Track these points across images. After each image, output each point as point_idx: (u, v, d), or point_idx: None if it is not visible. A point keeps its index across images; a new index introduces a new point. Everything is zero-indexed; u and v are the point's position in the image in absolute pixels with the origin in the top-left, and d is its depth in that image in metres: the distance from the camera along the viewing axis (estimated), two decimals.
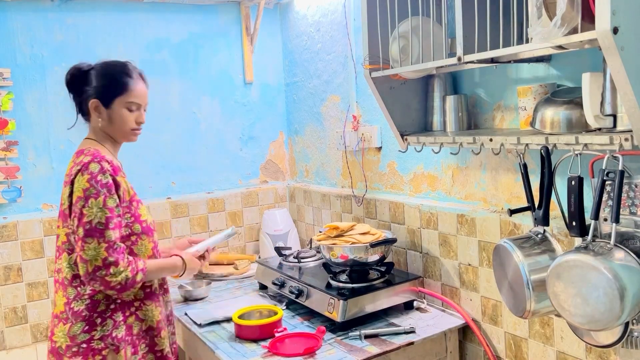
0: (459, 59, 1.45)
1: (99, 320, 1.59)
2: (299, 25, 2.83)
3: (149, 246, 1.70)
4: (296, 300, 2.03)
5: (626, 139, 1.21)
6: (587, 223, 1.30)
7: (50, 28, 2.46)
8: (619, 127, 1.26)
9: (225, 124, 2.89)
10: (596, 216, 1.27)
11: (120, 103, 1.65)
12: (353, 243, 1.97)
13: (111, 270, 1.52)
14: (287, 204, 3.08)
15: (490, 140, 1.53)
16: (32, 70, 2.43)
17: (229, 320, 1.98)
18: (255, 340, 1.81)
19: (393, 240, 2.03)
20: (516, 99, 1.63)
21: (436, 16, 1.59)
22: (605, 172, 1.27)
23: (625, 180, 1.29)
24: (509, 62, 1.55)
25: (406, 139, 1.85)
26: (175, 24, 2.72)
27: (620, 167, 1.23)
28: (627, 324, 1.27)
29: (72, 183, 1.56)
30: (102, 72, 1.67)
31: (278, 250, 2.47)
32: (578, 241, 1.34)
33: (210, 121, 2.84)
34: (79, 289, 1.60)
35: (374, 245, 1.95)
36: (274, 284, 2.18)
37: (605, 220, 1.32)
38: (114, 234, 1.55)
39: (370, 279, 2.01)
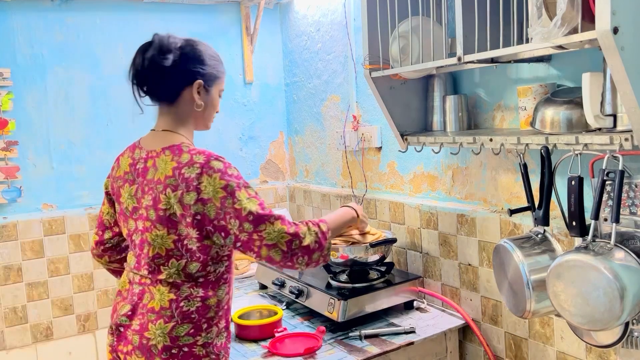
0: (459, 59, 1.45)
1: (205, 326, 1.44)
2: (299, 25, 2.83)
3: None
4: (296, 300, 2.03)
5: (626, 139, 1.21)
6: (587, 223, 1.30)
7: (50, 28, 2.46)
8: (619, 127, 1.25)
9: (225, 124, 2.89)
10: (596, 216, 1.26)
11: (217, 88, 1.55)
12: (353, 243, 1.97)
13: (300, 234, 1.40)
14: (287, 204, 3.08)
15: (490, 140, 1.53)
16: (32, 70, 2.43)
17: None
18: (255, 340, 1.81)
19: (393, 240, 2.03)
20: (516, 99, 1.63)
21: (436, 16, 1.59)
22: (606, 172, 1.27)
23: (625, 180, 1.29)
24: (509, 62, 1.55)
25: (406, 139, 1.85)
26: (175, 23, 2.72)
27: (620, 167, 1.23)
28: (627, 324, 1.27)
29: (197, 189, 1.37)
30: (210, 52, 1.52)
31: None
32: (578, 241, 1.34)
33: None
34: (192, 289, 1.43)
35: (374, 245, 1.95)
36: (274, 284, 2.18)
37: (606, 220, 1.32)
38: (274, 212, 1.42)
39: (370, 279, 2.01)
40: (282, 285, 2.14)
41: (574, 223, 1.32)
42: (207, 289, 1.45)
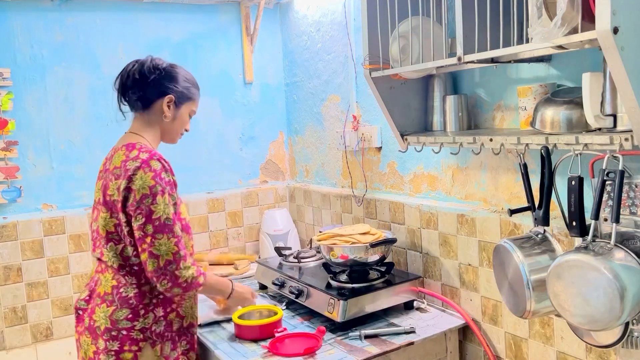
0: (459, 59, 1.45)
1: (142, 312, 1.62)
2: (299, 25, 2.83)
3: (189, 244, 1.74)
4: (296, 300, 2.03)
5: (626, 139, 1.21)
6: (587, 223, 1.30)
7: (50, 28, 2.45)
8: (619, 127, 1.25)
9: (225, 124, 2.89)
10: (596, 216, 1.26)
11: (188, 108, 1.79)
12: (353, 243, 1.97)
13: (181, 265, 1.56)
14: (287, 204, 3.08)
15: (490, 140, 1.53)
16: (32, 70, 2.43)
17: (229, 320, 1.98)
18: (255, 340, 1.81)
19: (393, 240, 2.03)
20: (516, 99, 1.63)
21: (436, 16, 1.59)
22: (606, 172, 1.27)
23: (625, 180, 1.29)
24: (509, 62, 1.54)
25: (406, 139, 1.85)
26: (175, 23, 2.72)
27: (620, 167, 1.23)
28: (627, 324, 1.27)
29: (130, 179, 1.57)
30: (186, 77, 1.78)
31: (278, 250, 2.47)
32: (578, 241, 1.34)
33: (210, 121, 2.84)
34: (126, 277, 1.63)
35: (374, 245, 1.95)
36: (274, 284, 2.18)
37: (606, 220, 1.32)
38: (179, 230, 1.60)
39: (370, 279, 2.01)
40: (282, 285, 2.14)
41: (574, 223, 1.32)
42: (140, 277, 1.63)
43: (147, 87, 1.70)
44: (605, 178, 1.27)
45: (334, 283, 2.00)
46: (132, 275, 1.63)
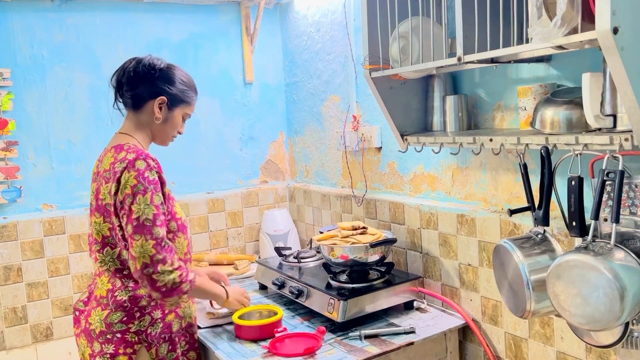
0: (459, 59, 1.45)
1: (137, 315, 1.61)
2: (299, 25, 2.83)
3: (184, 244, 1.72)
4: (296, 300, 2.03)
5: (626, 139, 1.21)
6: (587, 223, 1.30)
7: (50, 28, 2.46)
8: (619, 127, 1.25)
9: (225, 124, 2.89)
10: (596, 216, 1.26)
11: (181, 111, 1.75)
12: (353, 243, 1.97)
13: (159, 269, 1.50)
14: (287, 204, 3.08)
15: (490, 140, 1.53)
16: (32, 70, 2.43)
17: (229, 320, 1.98)
18: (255, 341, 1.81)
19: (393, 241, 2.03)
20: (516, 99, 1.63)
21: (436, 16, 1.59)
22: (605, 172, 1.27)
23: (625, 180, 1.28)
24: (509, 62, 1.55)
25: (406, 139, 1.85)
26: (175, 24, 2.72)
27: (620, 167, 1.23)
28: (627, 324, 1.27)
29: (118, 181, 1.55)
30: (183, 79, 1.74)
31: (278, 250, 2.47)
32: (578, 241, 1.34)
33: (210, 121, 2.84)
34: (123, 280, 1.63)
35: (374, 245, 1.95)
36: (274, 284, 2.18)
37: (605, 220, 1.32)
38: (162, 231, 1.54)
39: (370, 279, 2.01)
40: (282, 285, 2.14)
41: (574, 223, 1.32)
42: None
43: (140, 86, 1.68)
44: (605, 178, 1.26)
45: (334, 283, 2.00)
46: (130, 278, 1.63)
